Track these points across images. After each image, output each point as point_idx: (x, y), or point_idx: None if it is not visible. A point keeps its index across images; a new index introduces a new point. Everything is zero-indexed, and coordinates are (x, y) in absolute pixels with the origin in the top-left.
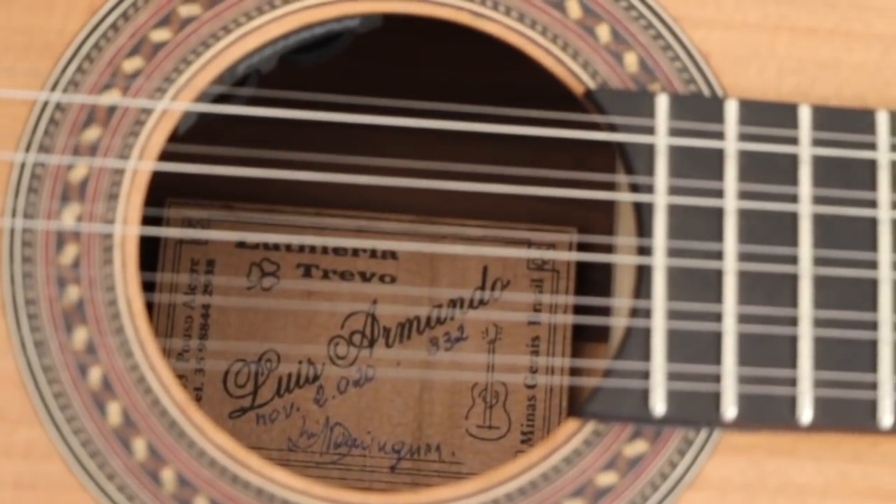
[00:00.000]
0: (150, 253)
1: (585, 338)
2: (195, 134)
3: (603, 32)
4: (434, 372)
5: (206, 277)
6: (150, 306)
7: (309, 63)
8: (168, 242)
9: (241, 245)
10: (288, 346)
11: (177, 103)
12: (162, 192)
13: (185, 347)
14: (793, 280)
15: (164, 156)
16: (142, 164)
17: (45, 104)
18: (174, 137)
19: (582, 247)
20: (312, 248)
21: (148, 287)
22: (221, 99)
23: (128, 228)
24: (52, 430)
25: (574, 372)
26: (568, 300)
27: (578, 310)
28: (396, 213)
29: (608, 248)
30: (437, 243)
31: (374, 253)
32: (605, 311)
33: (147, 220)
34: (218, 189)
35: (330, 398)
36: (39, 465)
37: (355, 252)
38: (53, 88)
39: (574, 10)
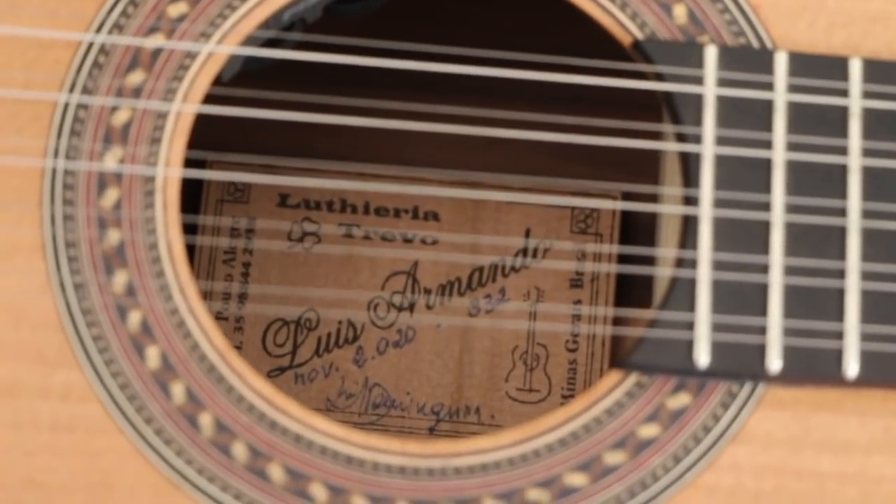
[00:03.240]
0: (192, 206)
1: (628, 302)
2: (239, 81)
3: None
4: (474, 334)
5: (246, 236)
6: (191, 256)
7: (354, 14)
8: (209, 200)
9: (283, 204)
10: (328, 306)
11: (222, 47)
12: (205, 146)
13: (224, 299)
14: (841, 233)
15: (208, 102)
16: (185, 107)
17: (90, 47)
18: (218, 83)
19: (626, 207)
20: (354, 209)
21: (189, 232)
22: (267, 45)
23: (170, 171)
24: (91, 373)
25: (616, 334)
26: (611, 257)
27: (621, 273)
28: (440, 168)
29: (652, 214)
30: (480, 189)
31: (416, 214)
32: (648, 275)
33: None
34: (261, 144)
35: (369, 359)
36: (77, 407)
37: (397, 213)
38: (98, 32)
39: None
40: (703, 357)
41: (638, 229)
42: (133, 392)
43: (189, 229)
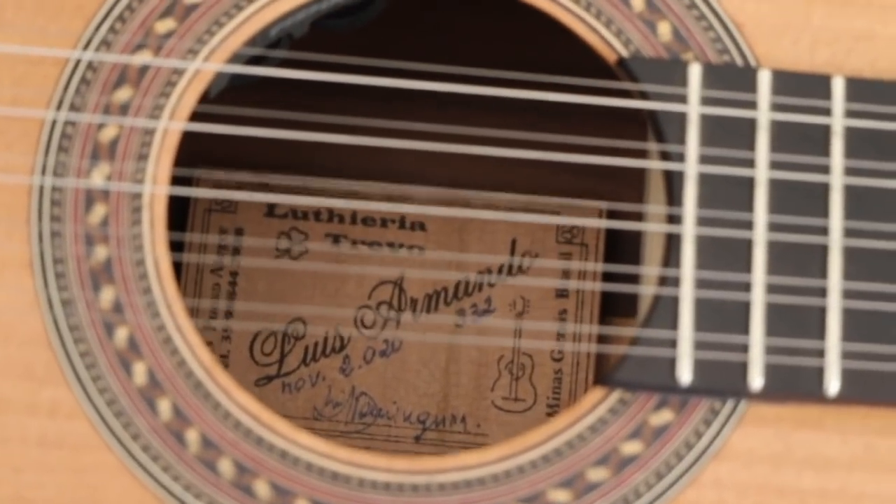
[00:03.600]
0: (178, 222)
1: (613, 313)
2: (226, 97)
3: (637, 1)
4: (461, 343)
5: (234, 245)
6: (178, 271)
7: (341, 30)
8: (197, 210)
9: (270, 214)
10: (315, 315)
11: (209, 64)
12: (192, 160)
13: (211, 317)
14: (822, 251)
15: (195, 118)
16: (172, 124)
17: (77, 63)
18: (205, 100)
19: (612, 219)
20: (341, 218)
21: (176, 249)
22: (253, 62)
23: (157, 188)
24: (78, 390)
25: (600, 351)
26: (597, 270)
27: (607, 283)
28: (426, 183)
29: (637, 231)
30: (466, 208)
31: (402, 224)
32: (634, 284)
33: (177, 185)
34: (248, 158)
35: (356, 368)
36: (65, 423)
37: (384, 222)
38: (85, 48)
39: None
40: (685, 374)
41: (623, 244)
42: (120, 408)
43: (176, 246)
